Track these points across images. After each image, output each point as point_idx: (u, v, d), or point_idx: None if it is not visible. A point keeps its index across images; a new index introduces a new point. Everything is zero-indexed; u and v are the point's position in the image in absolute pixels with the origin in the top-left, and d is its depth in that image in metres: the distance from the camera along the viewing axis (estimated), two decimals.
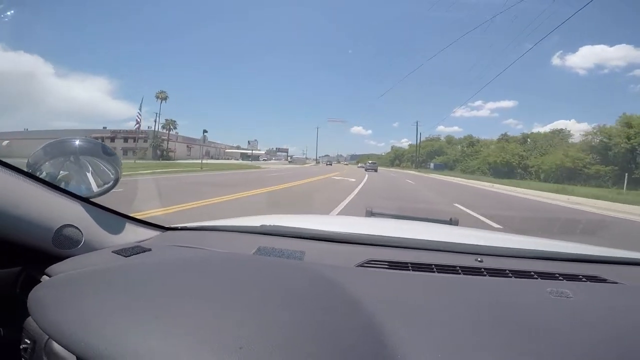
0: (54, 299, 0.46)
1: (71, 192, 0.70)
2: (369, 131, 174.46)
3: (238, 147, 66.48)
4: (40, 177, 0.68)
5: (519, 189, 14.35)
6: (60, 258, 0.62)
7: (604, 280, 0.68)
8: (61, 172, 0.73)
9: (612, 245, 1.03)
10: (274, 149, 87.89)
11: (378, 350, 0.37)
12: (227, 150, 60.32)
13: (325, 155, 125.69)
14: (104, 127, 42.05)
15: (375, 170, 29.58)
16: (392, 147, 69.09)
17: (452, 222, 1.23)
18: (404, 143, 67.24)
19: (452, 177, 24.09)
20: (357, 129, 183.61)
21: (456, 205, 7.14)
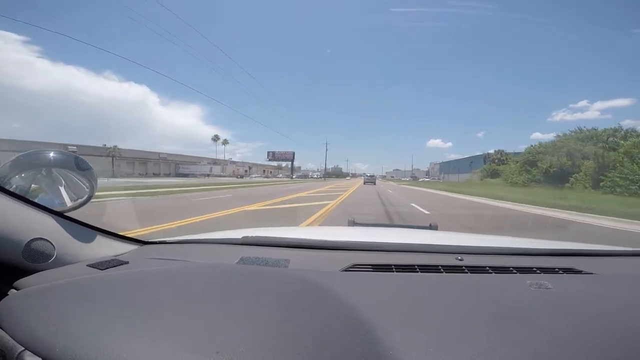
0: (28, 309, 0.44)
1: (43, 206, 0.67)
2: (449, 143, 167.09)
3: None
4: (9, 190, 0.64)
5: None
6: (31, 272, 0.60)
7: (579, 272, 0.71)
8: (32, 185, 0.70)
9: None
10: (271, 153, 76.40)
11: (367, 349, 0.37)
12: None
13: (395, 170, 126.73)
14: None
15: (374, 183, 29.91)
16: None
17: (432, 227, 1.28)
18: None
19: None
20: (434, 142, 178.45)
21: None
